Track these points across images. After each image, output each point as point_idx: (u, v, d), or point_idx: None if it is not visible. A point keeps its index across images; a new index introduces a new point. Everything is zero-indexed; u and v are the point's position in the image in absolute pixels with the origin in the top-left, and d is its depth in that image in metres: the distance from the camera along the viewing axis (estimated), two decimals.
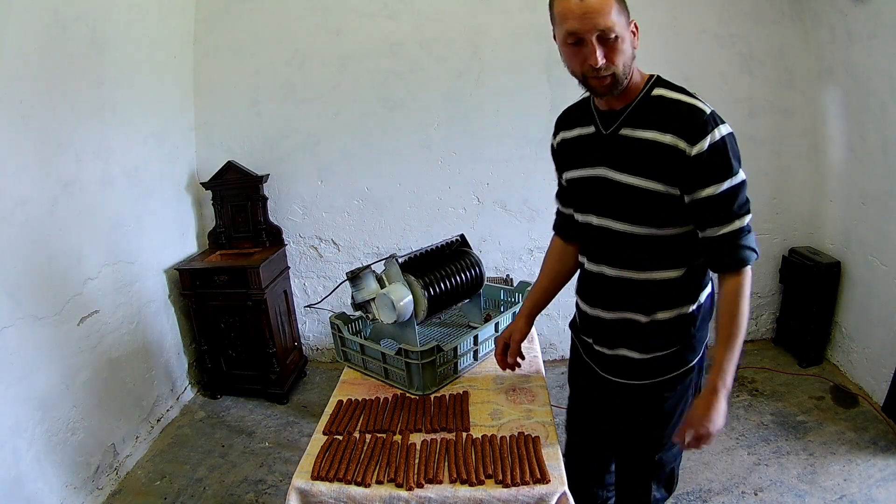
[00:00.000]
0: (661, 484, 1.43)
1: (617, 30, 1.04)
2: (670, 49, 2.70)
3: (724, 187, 1.10)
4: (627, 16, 1.08)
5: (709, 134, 1.07)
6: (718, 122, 1.10)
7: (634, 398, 1.31)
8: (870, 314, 2.49)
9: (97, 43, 2.20)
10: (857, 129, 2.48)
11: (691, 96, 1.13)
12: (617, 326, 1.28)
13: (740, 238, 1.13)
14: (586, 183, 1.24)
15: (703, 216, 1.13)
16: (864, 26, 2.30)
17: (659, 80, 1.17)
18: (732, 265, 1.14)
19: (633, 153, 1.14)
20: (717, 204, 1.11)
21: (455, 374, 1.59)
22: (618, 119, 1.16)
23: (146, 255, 2.55)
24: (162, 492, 2.18)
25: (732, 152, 1.10)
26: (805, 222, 2.91)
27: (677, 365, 1.26)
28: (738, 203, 1.12)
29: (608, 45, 1.06)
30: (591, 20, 1.03)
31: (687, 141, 1.08)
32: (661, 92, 1.14)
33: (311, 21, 2.78)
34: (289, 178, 2.97)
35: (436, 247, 1.69)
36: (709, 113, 1.10)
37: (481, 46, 2.75)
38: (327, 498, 1.17)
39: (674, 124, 1.10)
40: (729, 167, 1.10)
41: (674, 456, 1.40)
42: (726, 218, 1.12)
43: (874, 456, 2.12)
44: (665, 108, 1.12)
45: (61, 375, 1.98)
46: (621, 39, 1.06)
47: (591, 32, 1.04)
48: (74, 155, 2.10)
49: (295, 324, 3.09)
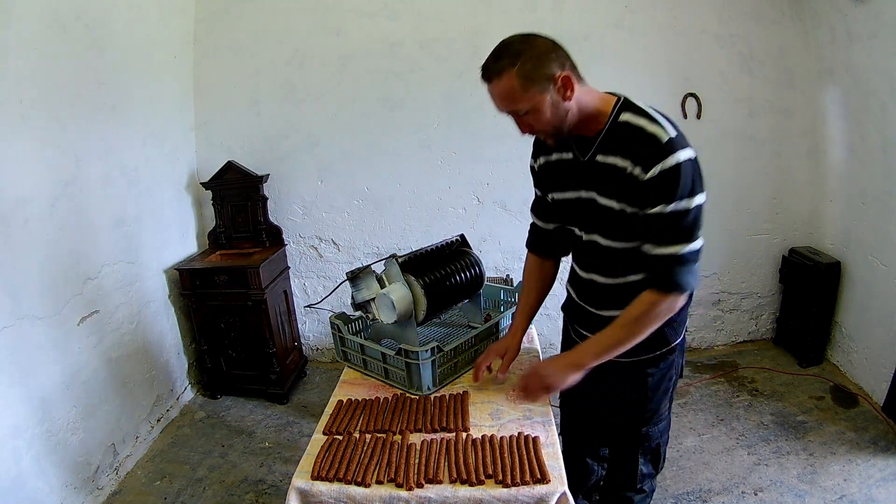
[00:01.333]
0: (648, 458, 1.54)
1: (524, 107, 1.14)
2: (670, 49, 2.70)
3: (668, 209, 1.12)
4: (545, 79, 1.11)
5: (661, 161, 1.10)
6: (676, 149, 1.10)
7: (620, 375, 1.41)
8: (870, 314, 2.49)
9: (97, 43, 2.20)
10: (857, 129, 2.48)
11: (655, 122, 1.14)
12: (605, 319, 1.37)
13: (674, 264, 1.16)
14: (573, 204, 1.31)
15: (645, 232, 1.18)
16: (864, 26, 2.30)
17: (625, 104, 1.19)
18: (657, 284, 1.19)
19: (606, 178, 1.20)
20: (659, 224, 1.14)
21: (455, 374, 1.59)
22: (592, 146, 1.22)
23: (146, 255, 2.55)
24: (162, 492, 2.18)
25: (685, 179, 1.11)
26: (805, 222, 2.91)
27: (660, 345, 1.36)
28: (681, 229, 1.14)
29: (524, 118, 1.17)
30: (498, 105, 1.17)
31: (642, 167, 1.13)
32: (626, 118, 1.17)
33: (311, 21, 2.78)
34: (289, 178, 2.97)
35: (436, 247, 1.69)
36: (666, 140, 1.11)
37: (481, 46, 2.73)
38: (327, 498, 1.17)
39: (632, 150, 1.14)
40: (674, 193, 1.11)
41: (659, 432, 1.50)
42: (665, 240, 1.16)
43: (874, 456, 2.12)
44: (627, 134, 1.16)
45: (61, 375, 1.98)
46: (533, 110, 1.14)
47: (505, 112, 1.18)
48: (74, 155, 2.10)
49: (295, 324, 3.09)
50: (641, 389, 1.42)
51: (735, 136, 2.79)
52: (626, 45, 2.68)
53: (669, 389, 1.46)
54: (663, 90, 2.74)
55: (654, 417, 1.46)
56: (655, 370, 1.39)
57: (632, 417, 1.47)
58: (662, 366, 1.39)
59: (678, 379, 1.48)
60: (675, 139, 1.12)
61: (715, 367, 2.87)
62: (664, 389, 1.43)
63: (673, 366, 1.42)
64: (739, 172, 2.83)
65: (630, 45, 2.69)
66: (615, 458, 1.63)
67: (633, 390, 1.43)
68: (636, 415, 1.46)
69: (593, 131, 1.21)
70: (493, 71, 1.13)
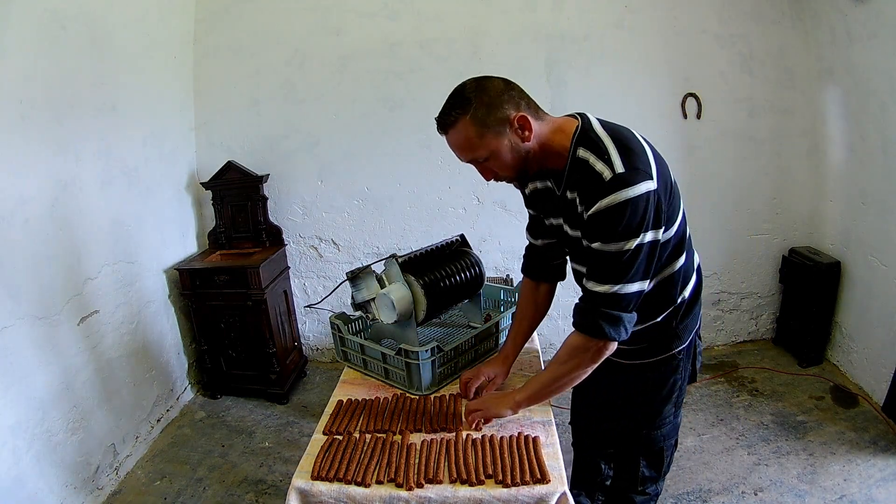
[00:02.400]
0: (650, 462, 1.54)
1: (482, 154, 1.13)
2: (670, 49, 2.70)
3: (603, 248, 1.09)
4: (500, 123, 1.09)
5: (599, 200, 1.05)
6: (620, 187, 1.04)
7: (623, 376, 1.43)
8: (870, 314, 2.49)
9: (97, 43, 2.20)
10: (857, 129, 2.48)
11: (602, 157, 1.08)
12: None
13: (599, 303, 1.13)
14: (557, 230, 1.33)
15: (587, 261, 1.17)
16: (864, 26, 2.30)
17: (580, 136, 1.13)
18: (577, 325, 1.18)
19: (569, 211, 1.21)
20: (595, 259, 1.13)
21: (455, 374, 1.59)
22: (562, 180, 1.20)
23: (146, 254, 2.55)
24: (162, 492, 2.18)
25: (629, 218, 1.04)
26: (805, 222, 2.91)
27: (660, 350, 1.36)
28: (614, 268, 1.09)
29: (485, 164, 1.16)
30: (459, 154, 1.17)
31: (585, 205, 1.11)
32: (581, 154, 1.12)
33: (311, 21, 2.78)
34: (289, 178, 2.97)
35: (436, 247, 1.69)
36: (608, 178, 1.05)
37: (481, 46, 2.75)
38: (327, 498, 1.17)
39: (581, 186, 1.13)
40: (612, 234, 1.06)
41: (663, 436, 1.49)
42: (596, 276, 1.13)
43: (874, 456, 2.12)
44: (580, 169, 1.12)
45: (61, 375, 1.98)
46: (493, 156, 1.13)
47: (465, 161, 1.18)
48: (74, 155, 2.10)
49: (295, 324, 3.09)
50: (642, 392, 1.42)
51: (735, 136, 2.79)
52: (626, 45, 2.68)
53: (674, 394, 1.43)
54: (663, 90, 2.74)
55: (655, 420, 1.46)
56: (656, 375, 1.39)
57: (633, 419, 1.47)
58: (664, 371, 1.38)
59: (687, 384, 1.47)
60: (624, 175, 1.04)
61: (715, 367, 2.87)
62: (667, 393, 1.42)
63: (677, 370, 1.40)
64: (739, 172, 2.83)
65: (630, 45, 2.69)
66: (619, 460, 1.63)
67: (634, 392, 1.44)
68: (638, 417, 1.46)
69: (561, 166, 1.18)
70: (447, 122, 1.13)
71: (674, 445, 1.57)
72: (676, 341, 1.36)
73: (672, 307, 1.31)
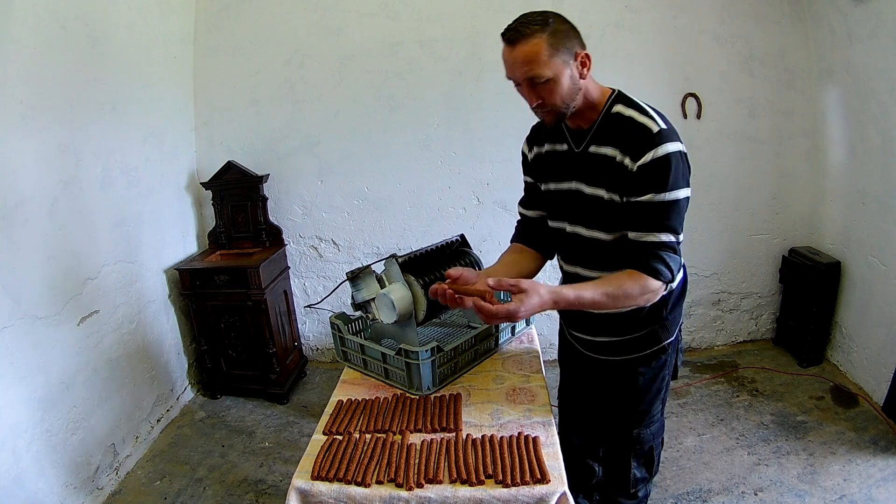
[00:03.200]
0: (641, 462, 1.53)
1: (547, 74, 1.12)
2: (670, 49, 2.70)
3: (656, 198, 1.15)
4: (569, 51, 1.14)
5: (651, 150, 1.13)
6: (665, 141, 1.13)
7: (613, 374, 1.44)
8: (870, 314, 2.49)
9: (97, 43, 2.20)
10: (857, 129, 2.48)
11: (645, 113, 1.18)
12: (595, 318, 1.40)
13: (658, 250, 1.18)
14: (561, 195, 1.34)
15: (631, 220, 1.20)
16: (864, 26, 2.30)
17: (619, 96, 1.23)
18: (643, 268, 1.19)
19: (596, 167, 1.23)
20: (646, 212, 1.17)
21: (455, 374, 1.59)
22: (586, 137, 1.25)
23: (146, 254, 2.55)
24: (162, 492, 2.18)
25: (674, 171, 1.13)
26: (805, 222, 2.91)
27: (651, 343, 1.38)
28: (668, 218, 1.17)
29: (541, 87, 1.15)
30: (519, 69, 1.14)
31: (631, 157, 1.16)
32: (618, 109, 1.21)
33: (311, 21, 2.78)
34: (289, 178, 2.97)
35: (436, 247, 1.69)
36: (656, 131, 1.14)
37: (481, 46, 2.75)
38: (327, 498, 1.17)
39: (623, 140, 1.17)
40: (664, 183, 1.14)
41: (652, 434, 1.50)
42: (651, 226, 1.17)
43: (874, 456, 2.12)
44: (619, 125, 1.19)
45: (61, 375, 1.98)
46: (554, 81, 1.13)
47: (521, 79, 1.15)
48: (74, 155, 2.10)
49: (295, 324, 3.09)
50: (633, 388, 1.43)
51: (735, 136, 2.79)
52: (626, 45, 2.68)
53: (662, 390, 1.46)
54: (663, 90, 2.74)
55: (645, 419, 1.46)
56: (647, 369, 1.40)
57: (623, 418, 1.48)
58: (654, 365, 1.40)
59: (672, 380, 1.48)
60: (666, 131, 1.14)
61: (715, 367, 2.87)
62: (656, 390, 1.44)
63: (665, 366, 1.42)
64: (739, 172, 2.83)
65: (630, 45, 2.69)
66: (609, 463, 1.63)
67: (624, 389, 1.44)
68: (628, 415, 1.47)
69: (588, 123, 1.24)
70: (522, 33, 1.11)
71: (661, 444, 1.58)
72: (665, 333, 1.38)
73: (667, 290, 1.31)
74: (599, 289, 1.17)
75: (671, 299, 1.35)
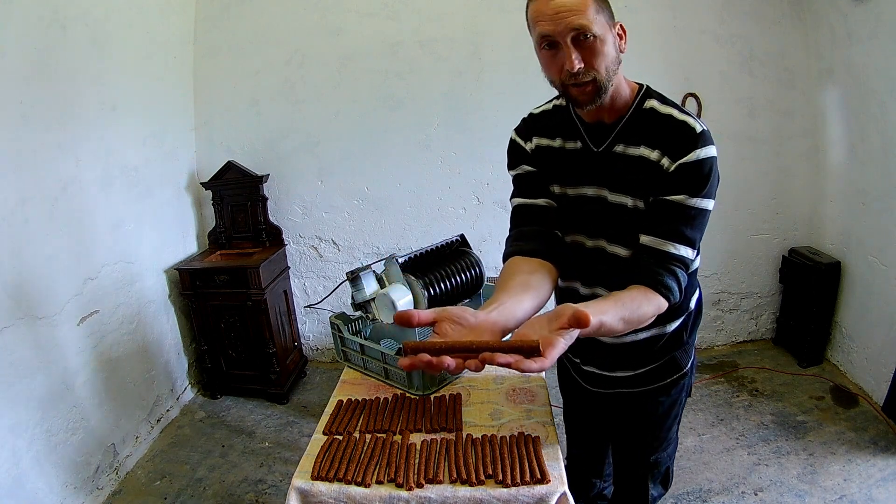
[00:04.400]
0: (659, 482, 1.48)
1: (594, 29, 0.95)
2: (670, 49, 2.70)
3: (687, 203, 1.01)
4: (610, 16, 1.00)
5: (695, 150, 0.99)
6: (709, 143, 1.01)
7: (631, 405, 1.33)
8: (870, 314, 2.49)
9: (97, 43, 2.20)
10: (857, 129, 2.48)
11: (684, 111, 1.05)
12: (610, 350, 1.25)
13: (674, 263, 1.01)
14: (576, 202, 1.14)
15: (652, 222, 1.03)
16: (864, 26, 2.30)
17: (649, 90, 1.09)
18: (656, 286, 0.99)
19: (624, 171, 1.05)
20: (673, 215, 1.01)
21: (455, 375, 1.59)
22: (610, 134, 1.07)
23: (146, 255, 2.55)
24: (162, 492, 2.18)
25: (713, 177, 1.01)
26: (805, 222, 2.91)
27: (671, 371, 1.27)
28: (692, 227, 1.02)
29: (585, 46, 0.96)
30: (563, 20, 0.94)
31: (670, 156, 1.01)
32: (652, 104, 1.06)
33: (311, 21, 2.78)
34: (289, 178, 2.97)
35: (436, 247, 1.69)
36: (700, 131, 1.01)
37: (481, 46, 2.75)
38: (327, 498, 1.17)
39: (663, 140, 1.02)
40: (702, 186, 1.00)
41: (668, 456, 1.44)
42: (673, 234, 1.02)
43: (874, 456, 2.12)
44: (657, 122, 1.04)
45: (61, 375, 1.98)
46: (601, 40, 0.96)
47: (564, 34, 0.95)
48: (74, 155, 2.10)
49: (295, 324, 3.09)
50: (653, 418, 1.33)
51: (735, 136, 2.79)
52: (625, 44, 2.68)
53: (679, 414, 1.38)
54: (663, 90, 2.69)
55: (664, 443, 1.39)
56: (667, 398, 1.30)
57: (642, 446, 1.39)
58: (674, 392, 1.30)
59: (687, 398, 1.40)
60: (708, 133, 1.01)
61: (715, 367, 2.87)
62: (675, 414, 1.36)
63: (684, 388, 1.33)
64: (739, 172, 2.83)
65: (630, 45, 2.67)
66: (622, 484, 1.54)
67: (644, 420, 1.34)
68: (647, 443, 1.38)
69: (613, 117, 1.07)
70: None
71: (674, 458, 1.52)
72: (685, 358, 1.27)
73: (685, 314, 1.23)
74: (618, 313, 0.91)
75: (690, 321, 1.25)
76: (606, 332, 0.89)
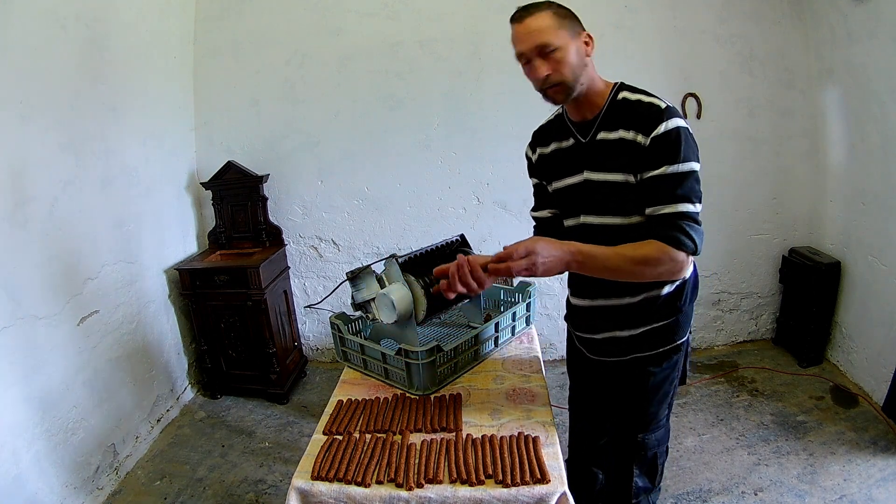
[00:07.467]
0: (644, 470, 1.52)
1: (556, 42, 1.18)
2: (670, 49, 2.70)
3: (669, 170, 1.17)
4: (574, 28, 1.21)
5: (661, 124, 1.17)
6: (672, 115, 1.18)
7: (622, 375, 1.43)
8: (870, 314, 2.49)
9: (97, 43, 2.20)
10: (857, 129, 2.48)
11: (651, 95, 1.24)
12: (608, 311, 1.38)
13: (678, 219, 1.18)
14: (572, 189, 1.35)
15: (648, 195, 1.21)
16: (864, 26, 2.30)
17: (622, 85, 1.29)
18: (664, 238, 1.18)
19: (607, 153, 1.25)
20: (661, 185, 1.19)
21: (455, 374, 1.59)
22: (593, 126, 1.28)
23: (146, 255, 2.55)
24: (162, 492, 2.18)
25: (684, 143, 1.17)
26: (805, 222, 2.91)
27: (664, 341, 1.37)
28: (683, 189, 1.19)
29: (550, 57, 1.19)
30: (530, 39, 1.19)
31: (643, 133, 1.19)
32: (624, 95, 1.26)
33: (311, 21, 2.78)
34: (289, 178, 2.97)
35: (436, 247, 1.69)
36: (664, 107, 1.19)
37: (481, 46, 2.75)
38: (327, 498, 1.17)
39: (636, 121, 1.21)
40: (676, 154, 1.17)
41: (657, 440, 1.48)
42: (668, 199, 1.19)
43: (874, 456, 2.12)
44: (629, 108, 1.24)
45: (61, 375, 1.98)
46: (563, 50, 1.18)
47: (532, 51, 1.19)
48: (74, 155, 2.10)
49: (295, 324, 3.09)
50: (641, 389, 1.41)
51: (735, 136, 2.79)
52: (625, 45, 2.68)
53: (670, 394, 1.44)
54: (663, 90, 2.67)
55: (651, 423, 1.45)
56: (658, 369, 1.39)
57: (629, 420, 1.46)
58: (666, 365, 1.39)
59: (679, 384, 1.47)
60: (672, 108, 1.20)
61: (715, 367, 2.87)
62: (664, 392, 1.42)
63: (675, 367, 1.41)
64: (739, 172, 2.83)
65: (630, 46, 2.69)
66: (611, 470, 1.61)
67: (632, 390, 1.43)
68: (634, 417, 1.45)
69: (594, 112, 1.28)
70: (529, 10, 1.20)
71: (665, 453, 1.56)
72: (679, 332, 1.37)
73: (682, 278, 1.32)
74: (604, 249, 1.18)
75: (686, 290, 1.35)
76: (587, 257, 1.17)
